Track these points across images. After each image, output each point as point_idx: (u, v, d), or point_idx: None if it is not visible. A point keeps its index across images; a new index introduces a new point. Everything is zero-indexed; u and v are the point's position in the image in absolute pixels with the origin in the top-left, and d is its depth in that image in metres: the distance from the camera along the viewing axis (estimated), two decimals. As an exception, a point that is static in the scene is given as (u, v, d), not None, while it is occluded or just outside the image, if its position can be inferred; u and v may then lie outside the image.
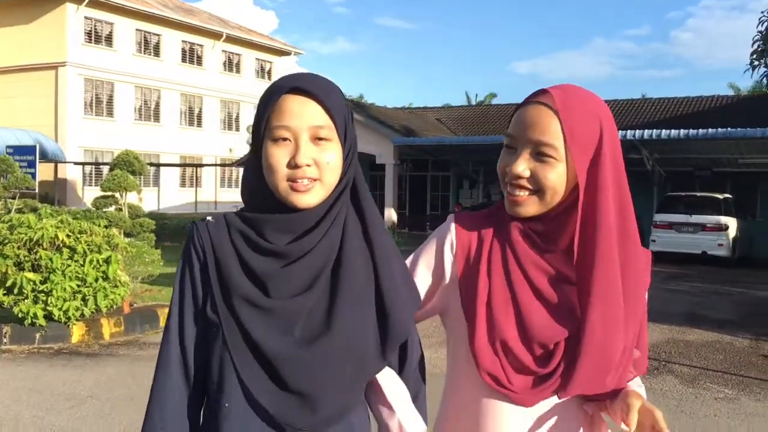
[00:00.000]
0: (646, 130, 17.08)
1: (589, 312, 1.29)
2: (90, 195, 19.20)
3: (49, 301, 6.67)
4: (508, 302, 1.33)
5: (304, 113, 1.22)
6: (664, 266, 15.39)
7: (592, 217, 1.30)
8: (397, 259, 1.34)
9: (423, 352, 1.42)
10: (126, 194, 11.71)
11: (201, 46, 37.15)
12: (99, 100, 32.52)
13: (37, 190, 16.66)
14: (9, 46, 31.29)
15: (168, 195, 32.67)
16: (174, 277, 1.37)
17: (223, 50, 38.24)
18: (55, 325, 6.81)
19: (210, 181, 36.26)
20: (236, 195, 35.00)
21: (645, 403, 1.27)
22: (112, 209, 11.83)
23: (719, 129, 16.26)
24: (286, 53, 42.15)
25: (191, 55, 36.86)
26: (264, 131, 1.24)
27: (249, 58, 39.79)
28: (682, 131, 16.36)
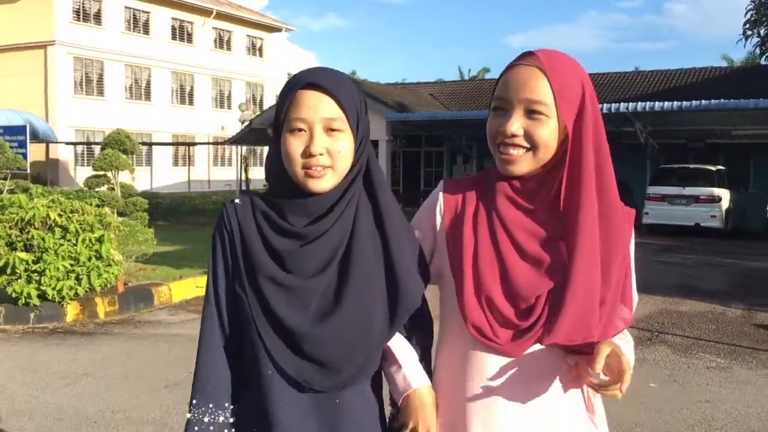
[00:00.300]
0: (639, 103, 16.99)
1: (574, 263, 1.36)
2: (82, 175, 19.07)
3: (43, 281, 6.66)
4: (493, 260, 1.41)
5: (317, 106, 1.36)
6: (657, 239, 15.45)
7: (577, 170, 1.38)
8: (409, 238, 1.47)
9: (431, 317, 1.55)
10: (118, 173, 11.63)
11: (191, 23, 36.75)
12: (89, 79, 32.22)
13: (28, 171, 16.53)
14: (-4, 25, 30.92)
15: (161, 174, 32.52)
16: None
17: (213, 27, 37.85)
18: (50, 305, 6.80)
19: (203, 159, 36.09)
20: (229, 173, 34.92)
21: (616, 349, 1.31)
22: (105, 189, 11.76)
23: (712, 101, 16.21)
24: (277, 30, 41.76)
25: (181, 33, 36.48)
26: (283, 122, 1.39)
27: (240, 35, 39.41)
28: (675, 103, 16.28)
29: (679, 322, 7.11)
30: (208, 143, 33.37)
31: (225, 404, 1.44)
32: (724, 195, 16.38)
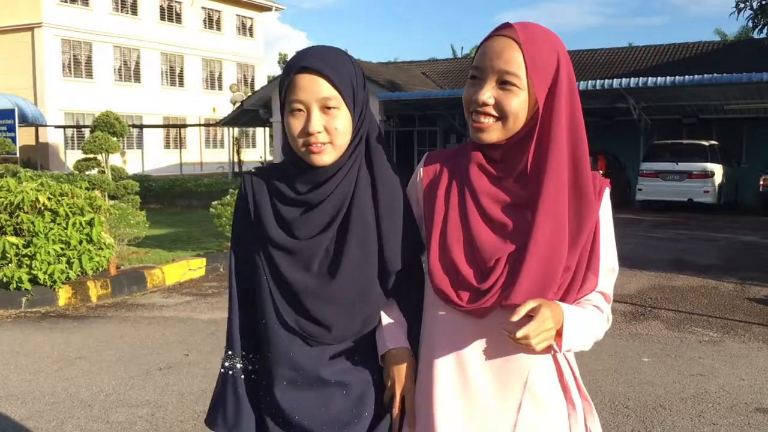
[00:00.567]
0: (632, 78, 16.93)
1: (535, 228, 1.40)
2: (73, 159, 18.86)
3: (34, 265, 6.61)
4: (459, 228, 1.48)
5: (312, 88, 1.46)
6: (651, 215, 15.48)
7: (546, 140, 1.42)
8: (400, 206, 1.56)
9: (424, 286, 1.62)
10: (108, 156, 11.52)
11: (179, 3, 36.31)
12: (77, 62, 31.86)
13: (18, 155, 16.40)
14: (-19, 7, 30.47)
15: (152, 157, 32.31)
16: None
17: (202, 7, 37.41)
18: (41, 289, 6.76)
19: (195, 142, 35.84)
20: (222, 156, 34.72)
21: (550, 305, 1.34)
22: (95, 172, 11.66)
23: (705, 75, 16.16)
24: (267, 8, 41.31)
25: (170, 13, 36.05)
26: (284, 104, 1.51)
27: (229, 14, 38.98)
28: (668, 78, 16.23)
29: (672, 297, 7.13)
30: (200, 125, 33.10)
31: (243, 353, 1.63)
32: (717, 170, 16.40)
